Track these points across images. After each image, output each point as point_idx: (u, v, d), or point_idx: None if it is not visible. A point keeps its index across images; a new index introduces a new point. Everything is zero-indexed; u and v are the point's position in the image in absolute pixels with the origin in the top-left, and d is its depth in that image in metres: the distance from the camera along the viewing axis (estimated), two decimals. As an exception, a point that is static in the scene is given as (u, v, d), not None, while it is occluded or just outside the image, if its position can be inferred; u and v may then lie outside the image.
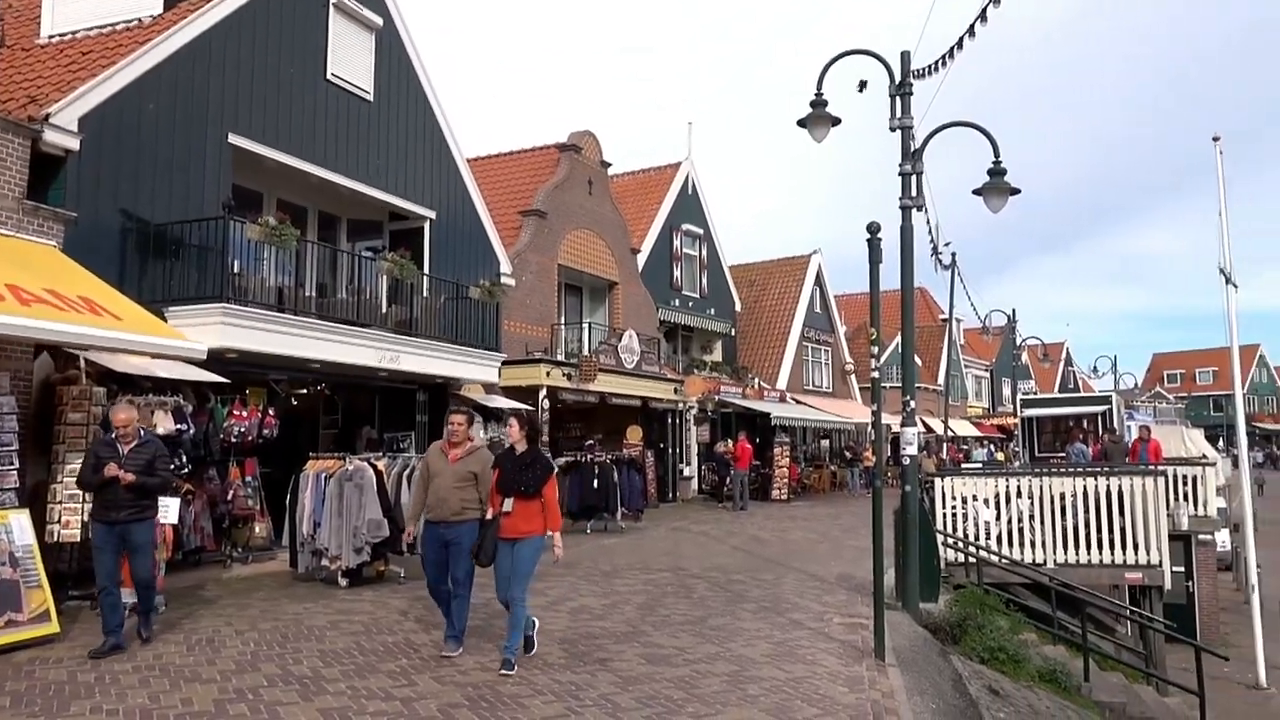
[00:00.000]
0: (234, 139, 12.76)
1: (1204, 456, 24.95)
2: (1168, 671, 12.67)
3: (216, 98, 12.54)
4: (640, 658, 7.64)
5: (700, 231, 30.15)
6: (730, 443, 25.48)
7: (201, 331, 10.85)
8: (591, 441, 20.20)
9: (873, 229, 8.35)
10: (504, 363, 17.48)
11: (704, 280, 30.30)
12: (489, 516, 7.15)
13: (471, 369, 16.11)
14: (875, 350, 8.53)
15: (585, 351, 21.73)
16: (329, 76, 14.49)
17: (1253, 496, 19.60)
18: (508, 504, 7.05)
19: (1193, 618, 16.13)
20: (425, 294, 15.52)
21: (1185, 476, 17.50)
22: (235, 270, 11.77)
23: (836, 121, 10.68)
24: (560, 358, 21.06)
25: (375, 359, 13.72)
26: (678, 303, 28.78)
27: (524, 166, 23.83)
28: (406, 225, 16.76)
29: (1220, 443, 45.01)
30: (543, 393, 19.40)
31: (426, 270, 16.17)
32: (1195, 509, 17.07)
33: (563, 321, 22.87)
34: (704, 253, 30.38)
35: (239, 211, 12.13)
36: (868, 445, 32.34)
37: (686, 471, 26.81)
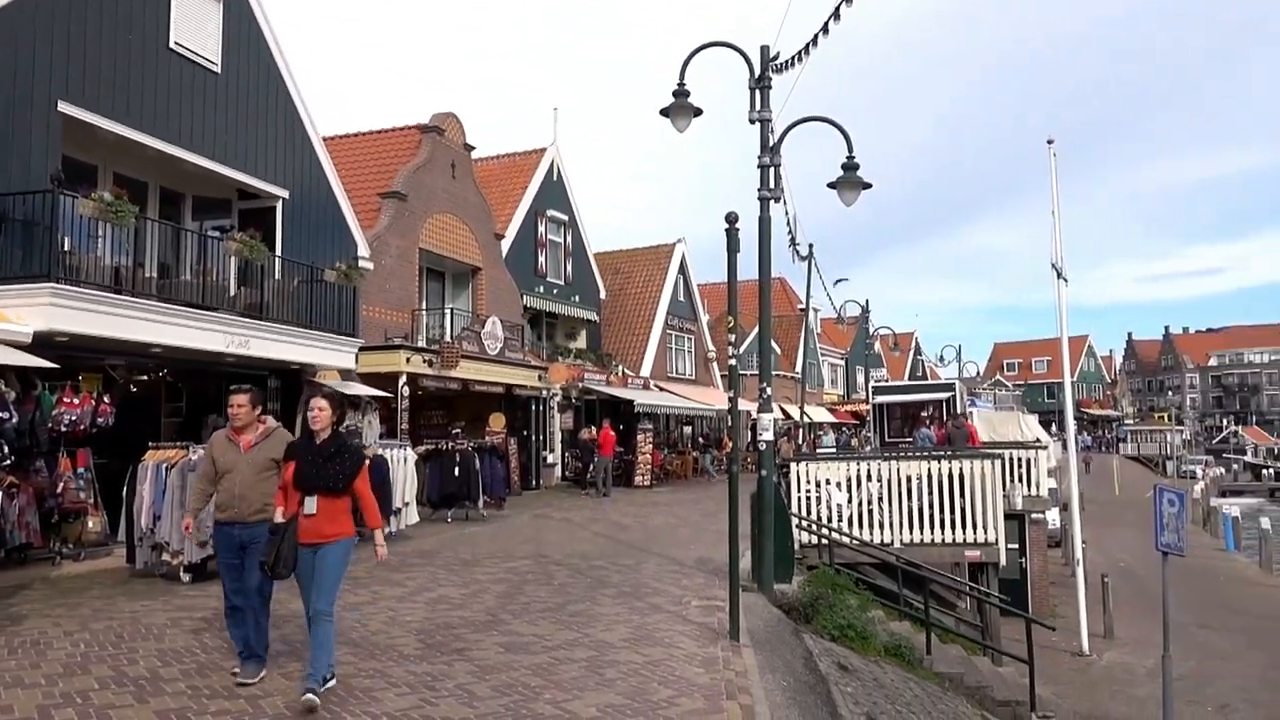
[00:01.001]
0: (64, 107, 11.92)
1: (1038, 440, 26.58)
2: (1002, 643, 13.43)
3: (44, 63, 11.68)
4: (499, 646, 7.58)
5: (565, 218, 30.06)
6: (594, 429, 25.59)
7: (27, 313, 10.13)
8: (455, 429, 19.91)
9: (731, 219, 8.49)
10: (362, 349, 17.01)
11: (569, 267, 30.24)
12: (279, 519, 6.04)
13: (327, 355, 15.60)
14: (733, 338, 8.69)
15: (447, 338, 21.37)
16: (172, 45, 13.70)
17: (1080, 476, 21.00)
18: (310, 504, 5.96)
19: (1025, 592, 17.16)
20: (277, 276, 14.92)
21: (1020, 459, 18.60)
22: (66, 248, 11.03)
23: (698, 112, 10.82)
24: (421, 344, 20.65)
25: (223, 344, 13.11)
26: (542, 289, 28.63)
27: (384, 147, 23.17)
28: (257, 204, 16.03)
29: (1053, 427, 47.98)
30: (402, 379, 18.98)
31: (279, 252, 15.54)
32: (1029, 490, 18.17)
33: (424, 307, 22.42)
34: (569, 239, 30.30)
35: (71, 185, 11.35)
36: (727, 432, 33.00)
37: (550, 458, 26.76)
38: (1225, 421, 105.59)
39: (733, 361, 8.76)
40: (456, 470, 17.28)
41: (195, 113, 14.20)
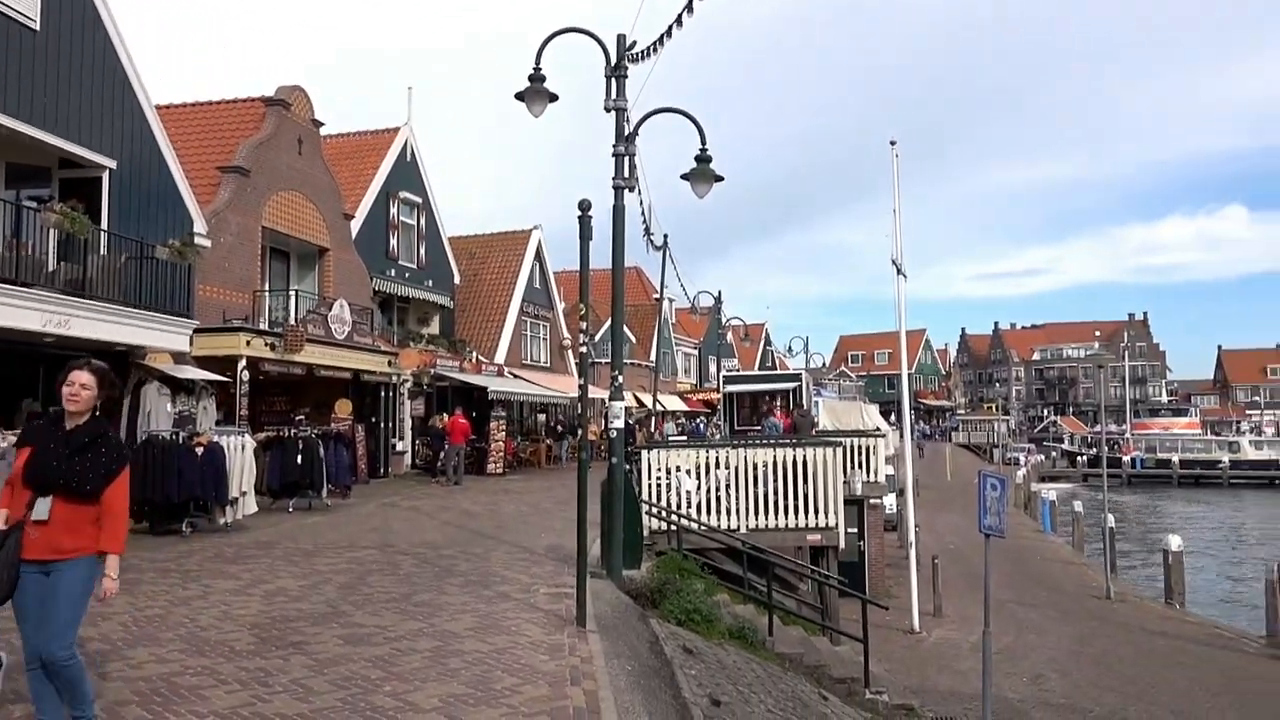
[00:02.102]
0: None
1: (878, 429, 27.78)
2: (840, 623, 13.98)
3: None
4: (339, 638, 7.36)
5: (419, 200, 29.37)
6: (445, 416, 25.18)
7: None
8: (299, 416, 19.19)
9: (584, 206, 8.49)
10: (197, 330, 16.15)
11: (422, 250, 29.57)
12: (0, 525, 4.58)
13: (157, 336, 14.75)
14: (585, 326, 8.70)
15: (291, 320, 20.55)
16: (-18, -3, 12.61)
17: (915, 463, 22.07)
18: (41, 507, 4.52)
19: (863, 574, 17.92)
20: (103, 252, 13.99)
21: (860, 447, 19.41)
22: None
23: (554, 98, 10.74)
24: (263, 326, 19.78)
25: (39, 323, 12.21)
26: (394, 272, 27.91)
27: (225, 119, 22.03)
28: (81, 174, 14.96)
29: (892, 416, 50.28)
30: (242, 363, 18.14)
31: (105, 225, 14.56)
32: (868, 476, 18.99)
33: (267, 288, 21.49)
34: (422, 222, 29.62)
35: None
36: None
37: (400, 446, 26.16)
38: (1046, 412, 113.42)
39: (583, 349, 8.77)
40: (299, 458, 16.67)
41: (10, 73, 13.12)
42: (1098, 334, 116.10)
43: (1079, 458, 70.94)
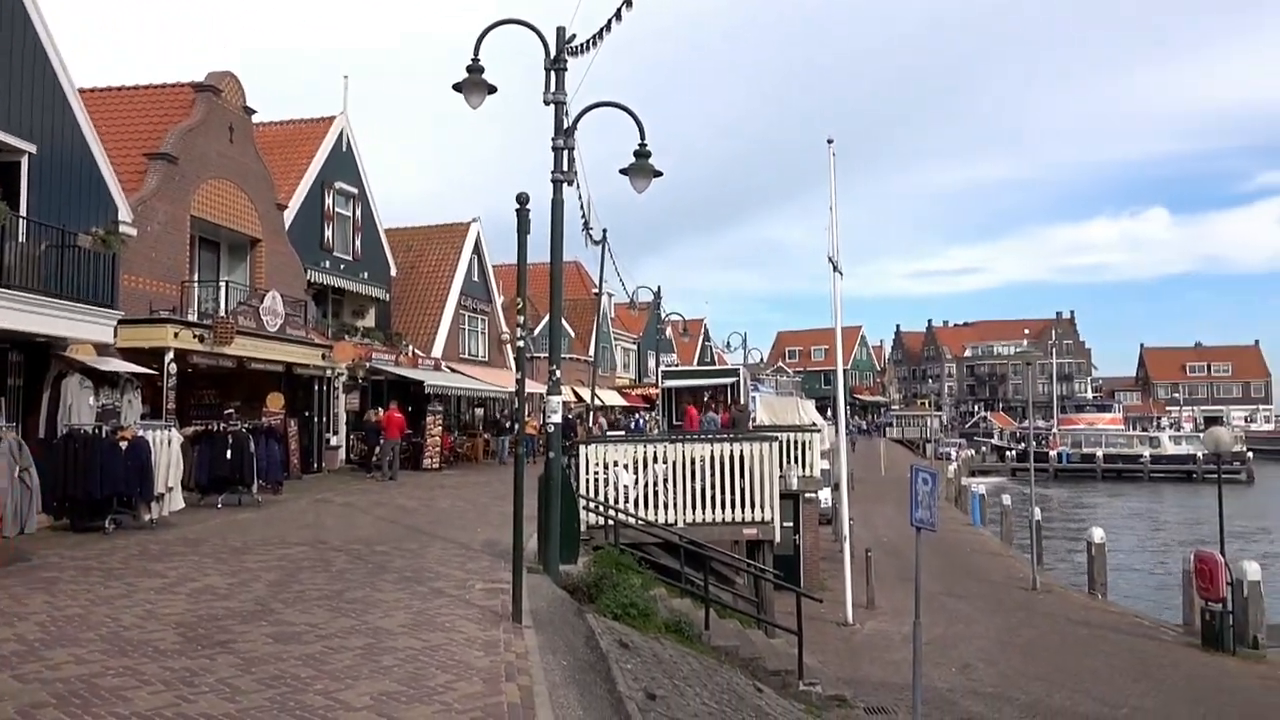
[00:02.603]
0: None
1: (814, 424, 28.15)
2: (775, 616, 14.12)
3: None
4: (268, 637, 7.21)
5: (355, 191, 28.87)
6: (381, 411, 24.83)
7: None
8: (230, 410, 18.76)
9: (521, 200, 8.43)
10: (122, 321, 15.66)
11: (358, 242, 29.08)
12: None
13: (79, 327, 14.27)
14: (522, 320, 8.65)
15: (222, 312, 20.07)
16: (-109, -29, 12.06)
17: (849, 458, 22.38)
18: None
19: (799, 567, 18.15)
20: (21, 239, 13.49)
21: (796, 441, 19.63)
22: None
23: (493, 89, 10.64)
24: (192, 318, 19.29)
25: (-48, 312, 11.73)
26: (329, 264, 27.40)
27: (153, 105, 21.39)
28: (-2, 158, 14.42)
29: (829, 412, 50.94)
30: (169, 355, 17.67)
31: (24, 212, 14.04)
32: (804, 470, 19.22)
33: (196, 279, 20.96)
34: (358, 213, 29.12)
35: None
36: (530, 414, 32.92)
37: (334, 441, 25.74)
38: (977, 408, 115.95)
39: (520, 343, 8.72)
40: (229, 453, 16.30)
41: (-79, 50, 12.58)
42: (1027, 332, 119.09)
43: (1008, 452, 72.63)
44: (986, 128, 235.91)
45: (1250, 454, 65.11)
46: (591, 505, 13.55)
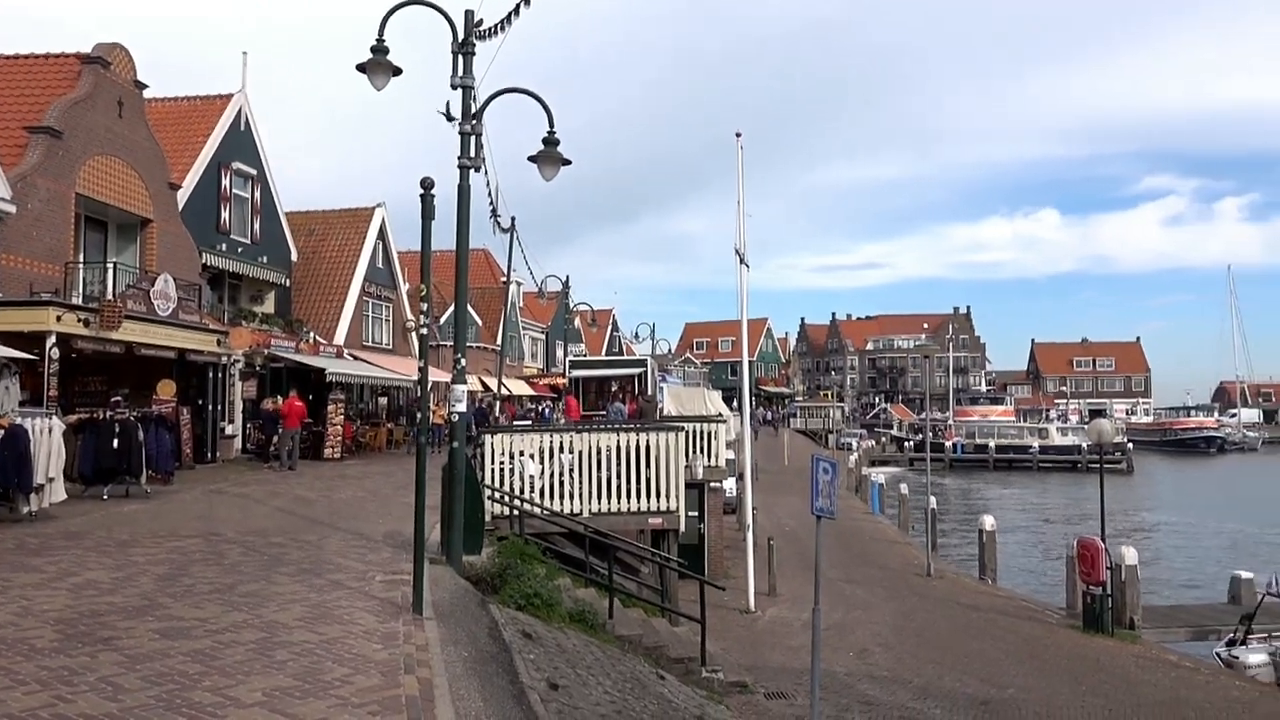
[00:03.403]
0: None
1: (720, 415, 28.45)
2: (679, 604, 14.25)
3: None
4: (154, 633, 6.94)
5: (254, 172, 27.95)
6: (280, 399, 24.15)
7: None
8: (118, 397, 17.97)
9: (426, 185, 8.29)
10: (-1, 303, 14.88)
11: (256, 225, 28.18)
12: None
13: (-48, 309, 13.50)
14: (425, 307, 8.51)
15: (109, 295, 19.21)
16: None
17: (753, 448, 22.74)
18: None
19: (703, 556, 18.32)
20: (-114, 214, 12.68)
21: (702, 432, 19.81)
22: None
23: (398, 71, 10.41)
24: (77, 301, 18.42)
25: None
26: (225, 247, 26.50)
27: (34, 76, 20.35)
28: None
29: (734, 403, 51.55)
30: (51, 340, 16.83)
31: (-111, 185, 13.21)
32: (709, 460, 19.41)
33: (81, 260, 20.05)
34: (257, 195, 28.22)
35: None
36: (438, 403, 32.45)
37: (230, 430, 24.93)
38: (878, 399, 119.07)
39: (423, 331, 8.58)
40: (116, 442, 15.61)
41: None
42: (926, 326, 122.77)
43: (906, 443, 74.82)
44: (886, 126, 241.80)
45: (1130, 445, 68.52)
46: (496, 495, 13.45)
